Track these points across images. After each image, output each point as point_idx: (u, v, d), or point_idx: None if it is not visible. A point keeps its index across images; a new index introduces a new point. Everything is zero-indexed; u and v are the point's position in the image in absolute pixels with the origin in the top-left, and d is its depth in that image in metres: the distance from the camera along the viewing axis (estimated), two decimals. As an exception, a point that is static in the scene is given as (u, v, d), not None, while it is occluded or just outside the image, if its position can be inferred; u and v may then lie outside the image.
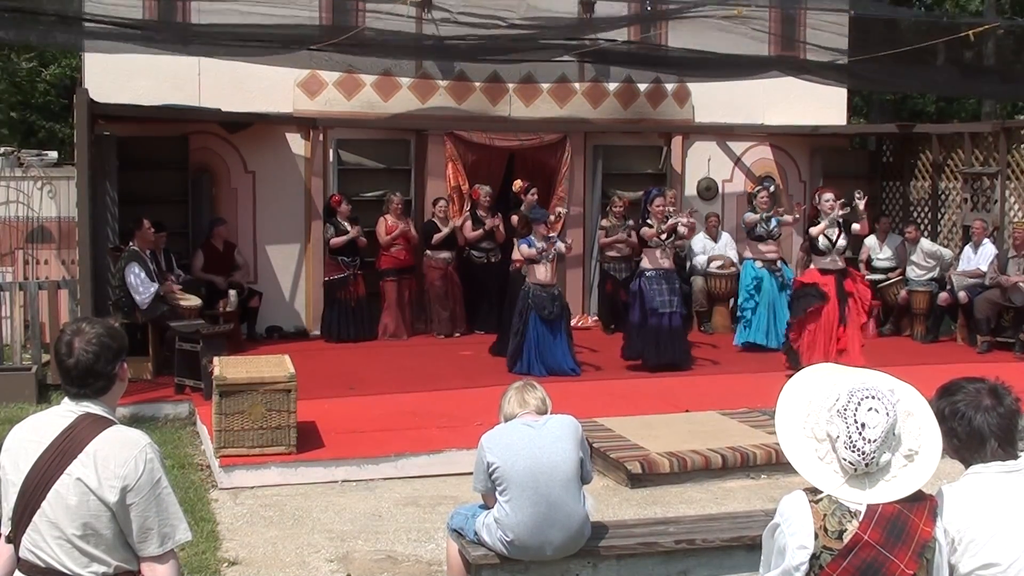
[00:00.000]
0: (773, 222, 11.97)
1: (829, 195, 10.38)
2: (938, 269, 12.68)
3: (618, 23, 11.71)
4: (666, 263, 10.55)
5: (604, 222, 12.73)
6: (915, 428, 2.85)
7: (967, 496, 2.94)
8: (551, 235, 10.64)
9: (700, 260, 12.93)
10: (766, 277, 11.87)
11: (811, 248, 10.40)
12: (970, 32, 10.60)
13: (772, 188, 12.77)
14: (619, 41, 11.71)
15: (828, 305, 10.07)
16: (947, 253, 12.84)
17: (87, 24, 9.64)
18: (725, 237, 13.18)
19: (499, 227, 12.36)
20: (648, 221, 10.56)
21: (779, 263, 12.09)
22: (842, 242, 10.31)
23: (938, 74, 12.58)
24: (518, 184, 12.02)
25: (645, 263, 10.57)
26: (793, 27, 13.11)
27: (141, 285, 9.99)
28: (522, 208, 11.62)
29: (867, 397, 2.79)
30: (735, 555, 5.10)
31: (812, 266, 10.45)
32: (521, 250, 10.48)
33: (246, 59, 11.24)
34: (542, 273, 10.31)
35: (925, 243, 12.83)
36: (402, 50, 11.63)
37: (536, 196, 12.04)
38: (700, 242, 12.97)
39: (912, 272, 12.74)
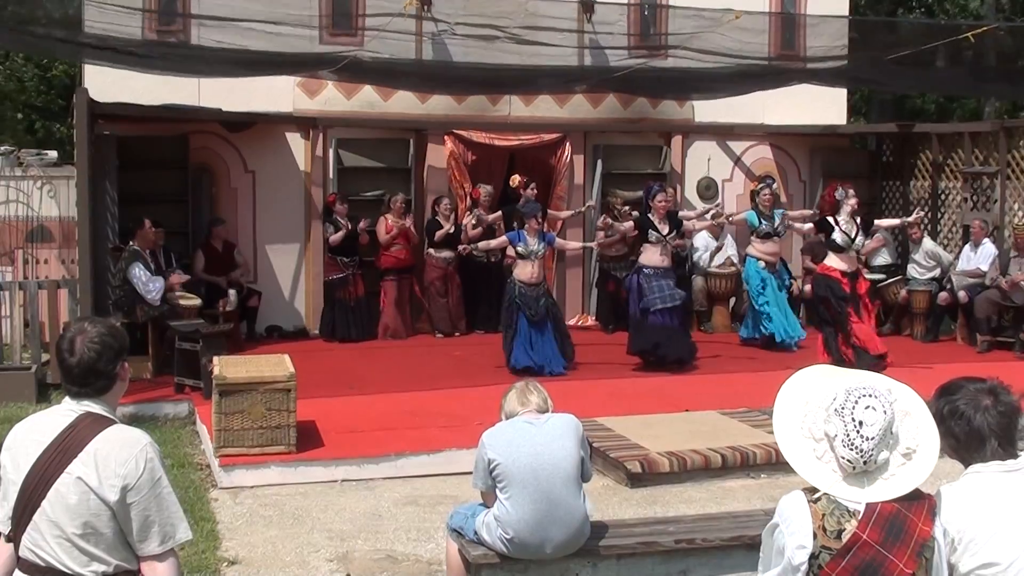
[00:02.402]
0: (777, 217, 12.01)
1: (852, 193, 10.48)
2: (938, 270, 12.69)
3: (618, 49, 11.80)
4: (665, 261, 10.54)
5: (605, 221, 12.71)
6: (913, 427, 2.86)
7: (967, 495, 2.94)
8: (549, 233, 10.64)
9: (703, 257, 12.92)
10: (768, 278, 11.89)
11: (828, 244, 10.41)
12: (970, 34, 10.60)
13: (775, 186, 12.76)
14: (621, 71, 11.78)
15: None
16: (947, 256, 12.83)
17: (86, 42, 9.66)
18: (727, 237, 13.18)
19: (500, 226, 12.35)
20: (649, 216, 10.56)
21: (778, 264, 12.13)
22: (860, 239, 10.38)
23: (939, 74, 12.59)
24: (516, 179, 12.03)
25: (643, 260, 10.55)
26: (792, 30, 13.13)
27: (150, 282, 10.00)
28: (520, 203, 11.64)
29: (864, 396, 2.79)
30: (735, 555, 5.10)
31: (828, 262, 10.42)
32: (517, 249, 10.40)
33: (246, 76, 11.27)
34: (527, 271, 10.27)
35: (928, 243, 12.83)
36: (403, 77, 11.68)
37: (536, 191, 12.03)
38: (702, 240, 12.96)
39: (913, 271, 12.74)
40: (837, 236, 10.28)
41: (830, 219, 10.42)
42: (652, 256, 10.48)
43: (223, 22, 9.47)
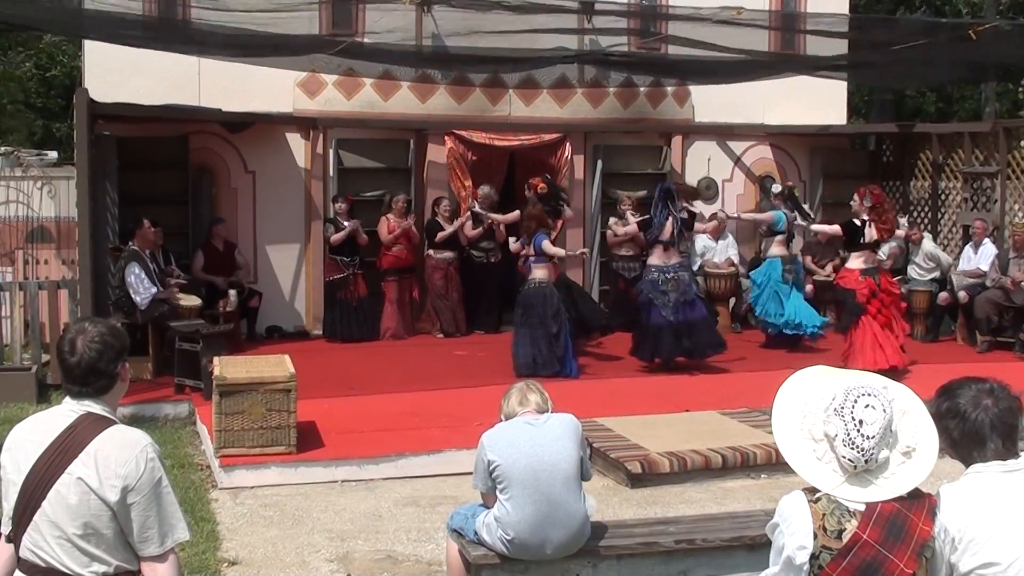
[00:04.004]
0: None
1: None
2: (938, 272, 12.69)
3: (619, 17, 11.74)
4: (674, 259, 10.46)
5: (613, 222, 12.69)
6: (911, 425, 2.87)
7: (967, 495, 2.94)
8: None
9: (709, 259, 12.90)
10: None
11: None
12: (971, 31, 10.59)
13: (776, 188, 12.68)
14: (618, 48, 11.74)
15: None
16: (946, 259, 12.81)
17: (87, 9, 9.66)
18: (728, 238, 13.17)
19: (499, 226, 12.33)
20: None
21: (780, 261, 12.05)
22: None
23: (938, 67, 12.57)
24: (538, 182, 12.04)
25: (652, 260, 10.53)
26: (792, 27, 13.13)
27: (140, 285, 9.99)
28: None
29: (863, 395, 2.80)
30: (735, 555, 5.10)
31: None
32: (545, 246, 10.31)
33: (245, 60, 11.26)
34: (543, 273, 10.27)
35: (927, 244, 12.80)
36: (402, 58, 11.66)
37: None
38: (701, 242, 12.95)
39: (913, 272, 12.74)
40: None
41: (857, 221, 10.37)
42: (658, 255, 10.51)
43: (223, 12, 9.47)
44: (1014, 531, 2.87)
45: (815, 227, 11.19)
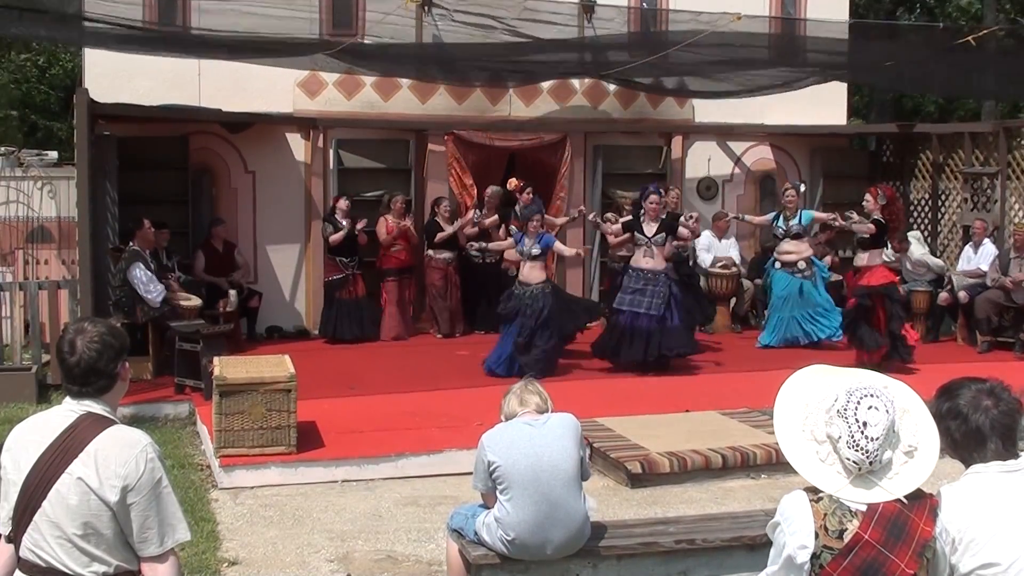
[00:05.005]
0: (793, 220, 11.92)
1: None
2: (931, 275, 12.67)
3: (619, 38, 11.76)
4: (650, 263, 10.31)
5: (607, 216, 12.67)
6: (912, 424, 2.86)
7: (967, 496, 2.94)
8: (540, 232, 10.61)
9: (705, 259, 12.88)
10: (793, 283, 11.81)
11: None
12: (971, 38, 10.59)
13: (803, 188, 12.64)
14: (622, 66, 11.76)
15: None
16: (936, 263, 12.76)
17: (87, 24, 9.66)
18: (731, 238, 13.15)
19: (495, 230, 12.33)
20: (639, 217, 10.49)
21: (803, 263, 11.88)
22: None
23: (938, 74, 12.58)
24: (513, 182, 11.99)
25: (631, 261, 10.50)
26: (792, 30, 13.13)
27: (151, 283, 10.00)
28: (518, 206, 11.63)
29: (866, 396, 2.80)
30: (735, 555, 5.10)
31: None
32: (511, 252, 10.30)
33: (246, 61, 11.26)
34: (524, 272, 10.21)
35: (915, 252, 12.74)
36: (403, 59, 11.67)
37: (530, 195, 11.92)
38: (706, 241, 12.94)
39: (907, 277, 12.70)
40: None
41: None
42: (636, 258, 10.43)
43: (224, 10, 9.48)
44: (1014, 532, 2.87)
45: (857, 227, 11.12)
